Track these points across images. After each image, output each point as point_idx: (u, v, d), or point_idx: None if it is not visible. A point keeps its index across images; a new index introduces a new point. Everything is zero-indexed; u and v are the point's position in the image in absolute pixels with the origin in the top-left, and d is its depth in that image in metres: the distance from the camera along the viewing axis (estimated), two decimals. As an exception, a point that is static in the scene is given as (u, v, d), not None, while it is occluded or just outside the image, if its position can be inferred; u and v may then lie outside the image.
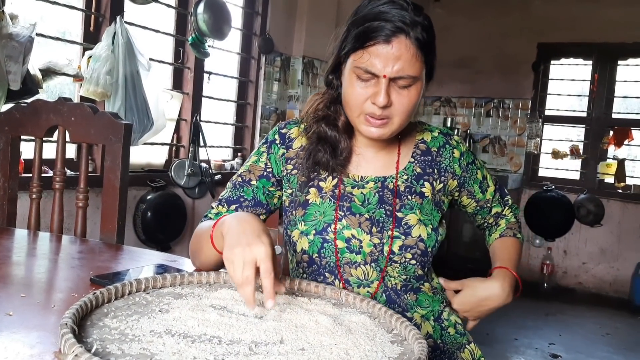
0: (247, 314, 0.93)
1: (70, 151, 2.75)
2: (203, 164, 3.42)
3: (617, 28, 4.99)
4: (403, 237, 1.20)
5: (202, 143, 3.40)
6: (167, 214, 3.18)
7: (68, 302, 1.02)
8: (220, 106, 3.82)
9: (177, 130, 3.44)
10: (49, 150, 2.12)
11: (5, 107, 1.99)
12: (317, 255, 1.22)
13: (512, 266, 1.31)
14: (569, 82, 5.45)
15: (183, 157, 3.39)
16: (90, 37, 2.81)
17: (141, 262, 1.38)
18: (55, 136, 1.84)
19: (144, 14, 3.10)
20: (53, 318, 0.94)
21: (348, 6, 4.42)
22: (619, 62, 5.22)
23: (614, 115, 5.27)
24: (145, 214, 3.08)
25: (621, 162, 5.10)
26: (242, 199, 1.29)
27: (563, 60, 5.48)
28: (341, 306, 1.02)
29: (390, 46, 1.10)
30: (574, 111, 5.49)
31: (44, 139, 1.84)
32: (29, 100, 2.02)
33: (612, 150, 5.25)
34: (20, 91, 2.23)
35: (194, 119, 3.39)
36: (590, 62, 5.29)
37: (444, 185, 1.30)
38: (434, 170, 1.29)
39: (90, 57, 2.61)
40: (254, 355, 0.77)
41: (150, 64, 2.84)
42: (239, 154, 3.95)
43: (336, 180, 1.26)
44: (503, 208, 1.44)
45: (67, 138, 1.81)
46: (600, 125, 5.27)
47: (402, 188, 1.26)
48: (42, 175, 1.88)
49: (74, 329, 0.76)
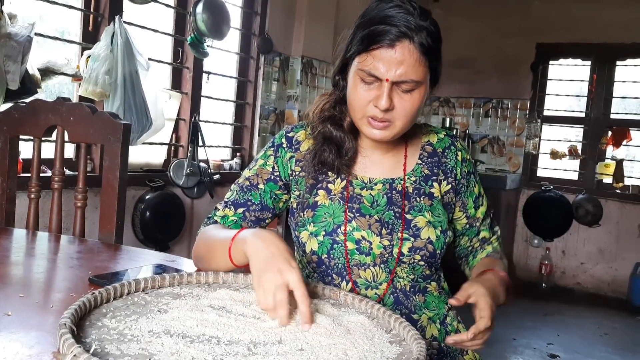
0: (245, 314, 0.93)
1: (69, 151, 2.75)
2: (202, 164, 3.42)
3: (615, 28, 4.99)
4: (412, 239, 1.21)
5: (200, 143, 3.40)
6: (165, 214, 3.18)
7: (67, 302, 1.02)
8: (219, 106, 3.82)
9: (175, 130, 3.44)
10: (48, 150, 2.12)
11: (4, 107, 1.99)
12: (326, 256, 1.22)
13: (504, 273, 1.24)
14: (567, 82, 5.45)
15: (182, 157, 3.39)
16: (89, 37, 2.81)
17: (140, 262, 1.38)
18: (54, 136, 1.84)
19: (143, 13, 3.10)
20: (52, 318, 0.94)
21: (347, 6, 4.42)
22: (618, 63, 5.22)
23: (612, 116, 5.27)
24: (144, 214, 3.07)
25: (619, 163, 5.11)
26: (249, 203, 1.29)
27: (562, 61, 5.48)
28: (340, 306, 1.02)
29: (393, 50, 1.10)
30: (573, 111, 5.49)
31: (43, 138, 1.84)
32: (27, 100, 2.02)
33: (610, 151, 5.25)
34: (18, 91, 2.22)
35: (193, 119, 3.38)
36: (589, 62, 5.29)
37: (452, 186, 1.30)
38: (440, 172, 1.29)
39: (89, 56, 2.61)
40: (252, 355, 0.77)
41: (149, 64, 2.84)
42: (238, 153, 3.95)
43: (345, 182, 1.27)
44: (491, 236, 1.40)
45: (66, 138, 1.81)
46: (599, 125, 5.27)
47: (411, 190, 1.26)
48: (41, 175, 1.88)
49: (73, 329, 0.76)
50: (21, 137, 1.88)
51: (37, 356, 0.78)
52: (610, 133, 5.18)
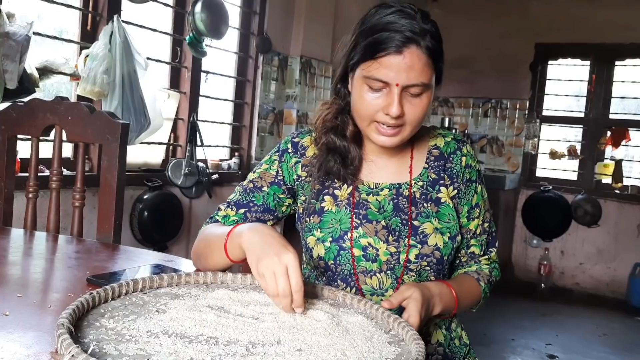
0: (244, 314, 0.92)
1: (67, 150, 2.74)
2: (200, 164, 3.41)
3: (614, 29, 5.00)
4: (419, 246, 1.20)
5: (199, 142, 3.39)
6: (164, 214, 3.17)
7: (65, 302, 1.02)
8: (217, 105, 3.81)
9: (174, 129, 3.43)
10: (46, 150, 2.11)
11: (2, 106, 1.98)
12: (332, 262, 1.22)
13: (457, 289, 1.19)
14: (566, 82, 5.46)
15: (180, 157, 3.39)
16: (88, 36, 2.80)
17: (138, 262, 1.38)
18: (52, 135, 1.84)
19: (141, 13, 3.09)
20: (49, 318, 0.94)
21: (346, 6, 4.42)
22: (617, 63, 5.23)
23: (611, 116, 5.28)
24: (142, 214, 3.07)
25: (618, 163, 5.12)
26: (251, 204, 1.28)
27: (561, 61, 5.49)
28: (339, 307, 1.02)
29: (402, 56, 1.10)
30: (572, 111, 5.50)
31: (41, 138, 1.83)
32: (25, 99, 2.02)
33: (609, 151, 5.26)
34: (16, 90, 2.22)
35: (191, 119, 3.38)
36: (588, 62, 5.30)
37: (458, 191, 1.28)
38: (446, 176, 1.27)
39: (87, 56, 2.60)
40: (251, 355, 0.77)
41: (148, 63, 2.83)
42: (236, 153, 3.94)
43: (351, 187, 1.26)
44: (482, 254, 1.32)
45: (64, 137, 1.81)
46: (598, 125, 5.28)
47: (418, 195, 1.25)
48: (39, 174, 1.87)
49: (71, 329, 0.76)
50: (19, 136, 1.88)
51: (35, 356, 0.77)
52: (609, 133, 5.19)
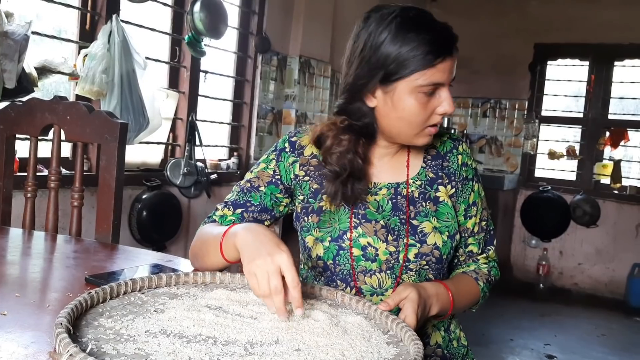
0: (242, 314, 0.92)
1: (66, 150, 2.74)
2: (199, 164, 3.41)
3: (613, 29, 5.00)
4: (419, 245, 1.20)
5: (198, 142, 3.39)
6: (162, 214, 3.17)
7: (63, 301, 1.02)
8: (216, 105, 3.81)
9: (173, 129, 3.43)
10: (44, 149, 2.11)
11: (1, 106, 1.98)
12: (331, 262, 1.22)
13: (454, 290, 1.18)
14: (565, 82, 5.47)
15: (179, 157, 3.38)
16: (86, 36, 2.80)
17: (136, 261, 1.38)
18: (50, 135, 1.83)
19: (140, 12, 3.09)
20: (48, 318, 0.94)
21: (345, 6, 4.42)
22: (615, 63, 5.23)
23: (610, 116, 5.28)
24: (141, 214, 3.07)
25: (617, 163, 5.12)
26: (248, 204, 1.28)
27: (559, 61, 5.49)
28: (337, 307, 1.02)
29: (453, 56, 1.13)
30: (571, 112, 5.50)
31: (39, 137, 1.83)
32: (24, 99, 2.01)
33: (608, 151, 5.26)
34: (15, 89, 2.22)
35: (190, 118, 3.38)
36: (587, 62, 5.30)
37: (456, 190, 1.28)
38: (443, 175, 1.28)
39: (86, 55, 2.60)
40: (249, 355, 0.77)
41: (146, 63, 2.83)
42: (235, 153, 3.94)
43: None
44: (480, 253, 1.32)
45: (63, 137, 1.80)
46: (597, 126, 5.28)
47: (416, 194, 1.25)
48: (37, 174, 1.87)
49: (69, 329, 0.76)
50: (17, 136, 1.88)
51: (33, 356, 0.77)
52: (608, 133, 5.20)
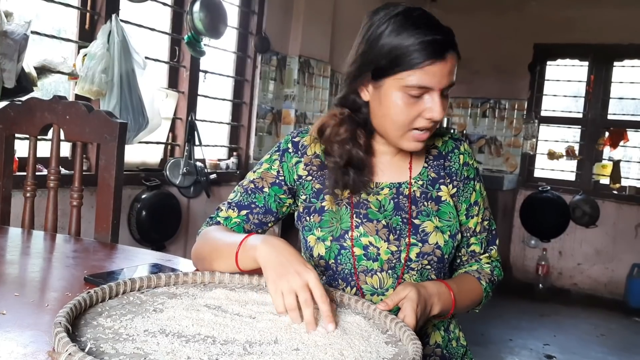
0: (241, 313, 0.92)
1: (65, 150, 2.74)
2: (198, 163, 3.41)
3: (613, 29, 5.01)
4: (420, 245, 1.20)
5: (197, 142, 3.39)
6: (162, 213, 3.17)
7: (62, 301, 1.02)
8: (215, 105, 3.81)
9: (172, 129, 3.43)
10: (44, 149, 2.11)
11: (0, 105, 1.98)
12: (333, 261, 1.22)
13: (455, 289, 1.17)
14: (564, 83, 5.47)
15: (178, 156, 3.39)
16: (86, 35, 2.80)
17: (135, 261, 1.38)
18: (49, 134, 1.83)
19: (140, 12, 3.09)
20: (47, 317, 0.94)
21: (344, 6, 4.42)
22: (615, 64, 5.24)
23: (609, 117, 5.29)
24: (140, 213, 3.07)
25: (616, 164, 5.12)
26: (253, 205, 1.27)
27: (559, 61, 5.49)
28: (336, 307, 1.02)
29: (445, 62, 1.09)
30: (570, 112, 5.50)
31: (39, 137, 1.83)
32: (23, 99, 2.01)
33: (607, 152, 5.27)
34: (14, 89, 2.22)
35: (190, 118, 3.38)
36: (586, 63, 5.31)
37: (458, 189, 1.28)
38: (445, 175, 1.27)
39: (85, 55, 2.60)
40: (248, 355, 0.77)
41: (146, 63, 2.83)
42: (235, 153, 3.94)
43: None
44: (482, 252, 1.31)
45: (62, 136, 1.80)
46: (596, 126, 5.28)
47: (418, 194, 1.25)
48: (37, 173, 1.87)
49: (68, 328, 0.76)
50: (17, 135, 1.88)
51: (32, 355, 0.77)
52: (607, 134, 5.20)
